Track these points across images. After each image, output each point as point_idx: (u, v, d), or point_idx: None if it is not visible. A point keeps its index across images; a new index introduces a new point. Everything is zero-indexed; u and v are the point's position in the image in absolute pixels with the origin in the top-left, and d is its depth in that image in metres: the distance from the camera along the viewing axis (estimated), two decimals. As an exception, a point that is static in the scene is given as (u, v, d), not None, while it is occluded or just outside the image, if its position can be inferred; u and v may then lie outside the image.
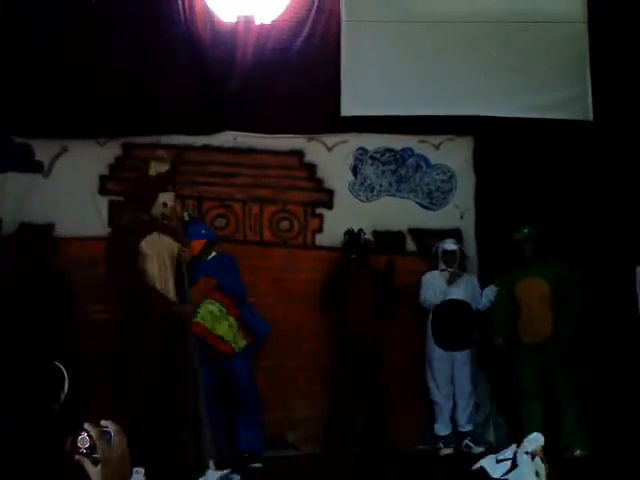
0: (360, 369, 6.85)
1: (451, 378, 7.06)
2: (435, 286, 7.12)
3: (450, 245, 7.18)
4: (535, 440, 3.50)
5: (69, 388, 1.84)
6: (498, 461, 3.48)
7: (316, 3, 7.42)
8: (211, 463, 5.43)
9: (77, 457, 1.86)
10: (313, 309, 7.19)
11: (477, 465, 3.54)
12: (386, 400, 6.89)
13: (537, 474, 3.35)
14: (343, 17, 7.37)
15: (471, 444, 6.90)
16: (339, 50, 7.36)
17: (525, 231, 6.88)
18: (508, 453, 3.47)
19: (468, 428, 7.00)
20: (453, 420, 7.07)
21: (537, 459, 3.39)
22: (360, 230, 7.10)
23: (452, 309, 7.05)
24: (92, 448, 1.86)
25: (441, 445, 6.97)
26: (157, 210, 6.13)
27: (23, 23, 7.06)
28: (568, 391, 6.65)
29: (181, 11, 7.32)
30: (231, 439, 6.64)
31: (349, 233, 7.12)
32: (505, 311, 6.92)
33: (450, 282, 7.09)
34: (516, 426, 6.68)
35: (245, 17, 7.37)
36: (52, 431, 1.75)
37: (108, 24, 7.16)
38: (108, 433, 1.88)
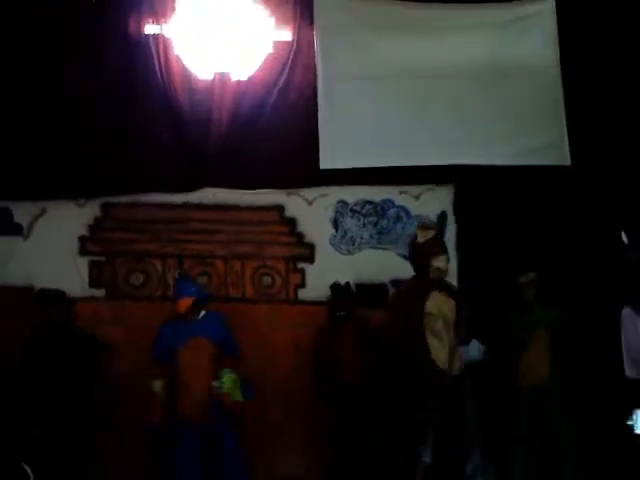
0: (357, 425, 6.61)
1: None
2: None
3: None
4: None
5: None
6: None
7: (292, 58, 7.44)
8: None
9: None
10: (297, 365, 7.09)
11: None
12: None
13: None
14: (319, 71, 7.37)
15: None
16: (316, 104, 7.35)
17: (532, 275, 6.82)
18: None
19: None
20: None
21: None
22: (347, 283, 7.03)
23: None
24: None
25: None
26: (433, 274, 5.89)
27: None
28: (568, 439, 6.55)
29: (158, 69, 7.35)
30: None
31: (335, 287, 7.02)
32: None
33: None
34: (505, 472, 6.58)
35: (221, 74, 7.40)
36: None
37: (85, 84, 7.19)
38: None
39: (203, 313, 6.59)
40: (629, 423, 3.47)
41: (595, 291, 7.04)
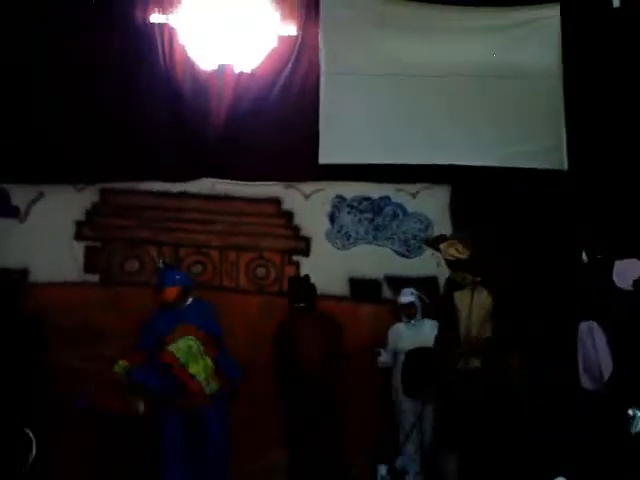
0: (313, 416, 6.69)
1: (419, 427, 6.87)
2: (400, 338, 6.99)
3: (405, 297, 7.04)
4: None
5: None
6: None
7: (295, 53, 7.50)
8: None
9: None
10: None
11: None
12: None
13: None
14: (322, 68, 7.44)
15: None
16: (317, 99, 7.41)
17: None
18: None
19: None
20: None
21: None
22: (306, 276, 7.04)
23: (419, 358, 6.96)
24: None
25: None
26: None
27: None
28: None
29: (161, 58, 7.40)
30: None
31: (293, 280, 7.06)
32: None
33: (415, 332, 6.99)
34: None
35: (225, 65, 7.43)
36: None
37: (88, 70, 7.20)
38: None
39: (190, 300, 6.55)
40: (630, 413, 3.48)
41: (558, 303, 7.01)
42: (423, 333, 6.91)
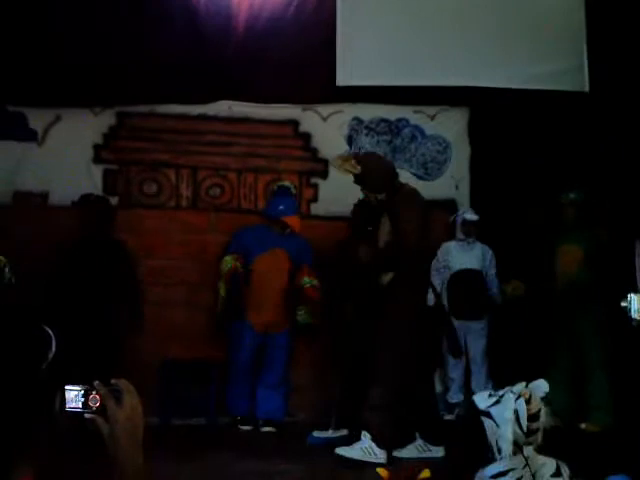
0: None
1: (465, 348, 7.03)
2: (453, 256, 7.09)
3: (471, 215, 7.11)
4: (536, 386, 3.66)
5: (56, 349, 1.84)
6: (490, 396, 3.69)
7: (311, -28, 7.36)
8: None
9: (88, 416, 1.85)
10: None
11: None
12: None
13: (516, 413, 3.53)
14: (338, -13, 7.32)
15: None
16: (334, 21, 7.30)
17: (571, 196, 6.76)
18: (501, 391, 3.69)
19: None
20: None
21: (520, 400, 3.58)
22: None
23: (467, 278, 7.02)
24: (103, 407, 1.85)
25: (458, 411, 6.98)
26: None
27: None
28: (598, 360, 6.55)
29: (177, -21, 7.27)
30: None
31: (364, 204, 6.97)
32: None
33: (467, 251, 7.07)
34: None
35: (240, -15, 7.32)
36: (39, 390, 1.76)
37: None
38: (117, 391, 1.86)
39: (288, 230, 6.79)
40: (623, 304, 3.47)
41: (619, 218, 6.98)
42: (474, 254, 7.03)
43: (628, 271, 6.06)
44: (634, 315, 3.54)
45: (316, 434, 6.16)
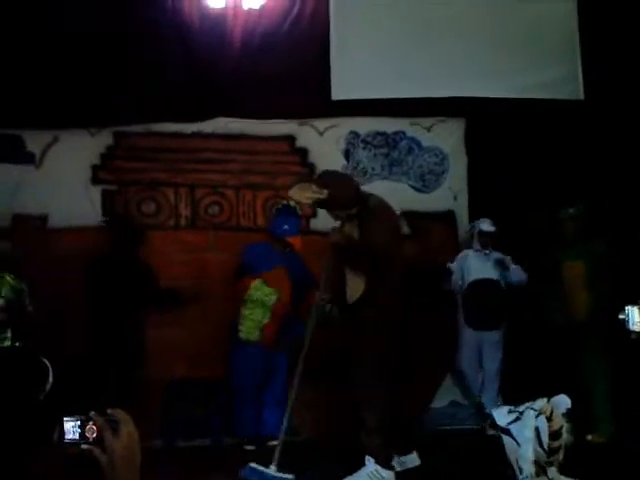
0: None
1: (479, 359, 7.04)
2: (468, 266, 7.08)
3: (488, 227, 7.07)
4: (557, 402, 3.62)
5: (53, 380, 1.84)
6: (509, 412, 3.63)
7: (305, -14, 7.39)
8: None
9: (85, 447, 1.85)
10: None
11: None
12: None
13: (537, 431, 3.45)
14: (332, 1, 7.33)
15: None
16: (328, 34, 7.33)
17: (570, 211, 6.77)
18: (521, 407, 3.64)
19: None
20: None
21: (541, 417, 3.49)
22: None
23: (483, 288, 7.01)
24: (100, 437, 1.85)
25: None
26: None
27: (11, 15, 7.02)
28: (601, 373, 6.57)
29: (170, -1, 7.30)
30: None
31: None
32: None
33: (484, 262, 7.06)
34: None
35: (233, 2, 7.34)
36: (37, 420, 1.76)
37: (96, 12, 7.12)
38: (114, 422, 1.87)
39: (289, 249, 6.82)
40: (621, 317, 3.46)
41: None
42: (490, 264, 7.02)
43: (626, 282, 6.09)
44: (632, 327, 3.53)
45: (253, 466, 5.52)
